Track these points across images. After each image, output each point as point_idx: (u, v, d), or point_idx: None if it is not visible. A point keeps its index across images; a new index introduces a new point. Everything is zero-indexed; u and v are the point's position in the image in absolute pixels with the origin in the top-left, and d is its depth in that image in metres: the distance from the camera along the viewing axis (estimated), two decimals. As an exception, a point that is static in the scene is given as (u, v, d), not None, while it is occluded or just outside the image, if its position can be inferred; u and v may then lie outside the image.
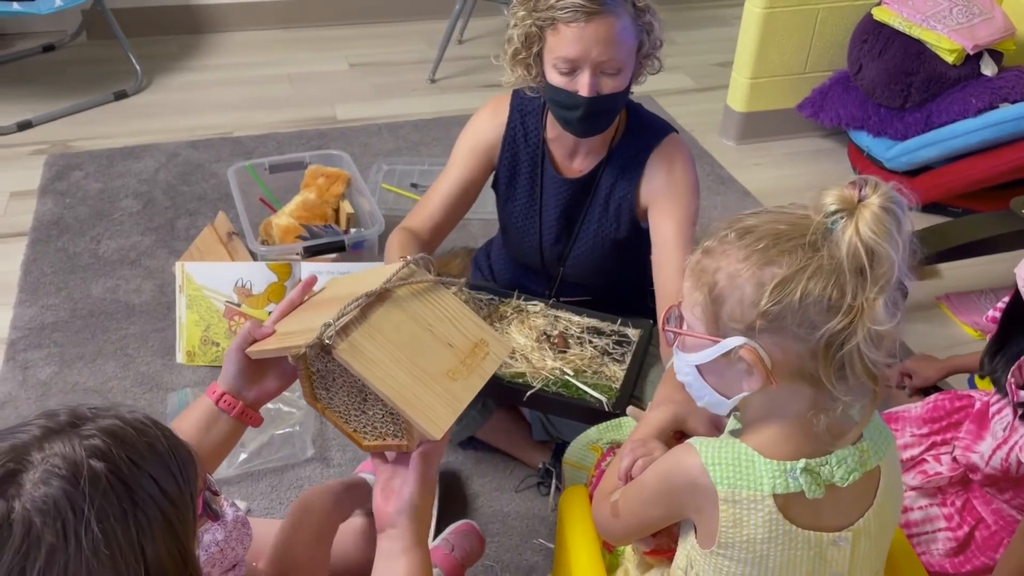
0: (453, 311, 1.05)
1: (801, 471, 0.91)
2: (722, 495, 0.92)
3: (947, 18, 2.63)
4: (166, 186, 2.71)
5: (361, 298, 0.98)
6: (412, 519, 0.97)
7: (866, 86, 2.78)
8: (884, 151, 2.76)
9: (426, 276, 1.07)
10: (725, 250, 0.90)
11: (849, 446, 0.93)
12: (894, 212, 0.84)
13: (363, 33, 3.85)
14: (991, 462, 1.42)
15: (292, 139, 3.00)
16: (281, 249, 2.21)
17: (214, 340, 2.07)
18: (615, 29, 1.43)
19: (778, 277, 0.85)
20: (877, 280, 0.83)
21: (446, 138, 3.06)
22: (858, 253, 0.82)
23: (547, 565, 1.65)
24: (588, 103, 1.48)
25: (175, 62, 3.52)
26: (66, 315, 2.20)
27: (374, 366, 0.95)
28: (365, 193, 2.41)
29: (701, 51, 3.73)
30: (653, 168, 1.62)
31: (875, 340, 0.84)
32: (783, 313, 0.85)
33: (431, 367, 0.98)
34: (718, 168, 2.96)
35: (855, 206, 0.85)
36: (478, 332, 1.05)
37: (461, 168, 1.72)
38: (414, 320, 1.02)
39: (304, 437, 1.87)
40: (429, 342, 1.01)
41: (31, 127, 2.99)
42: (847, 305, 0.83)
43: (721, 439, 0.97)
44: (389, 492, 1.00)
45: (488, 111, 1.72)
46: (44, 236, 2.47)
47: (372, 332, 0.97)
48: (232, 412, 1.07)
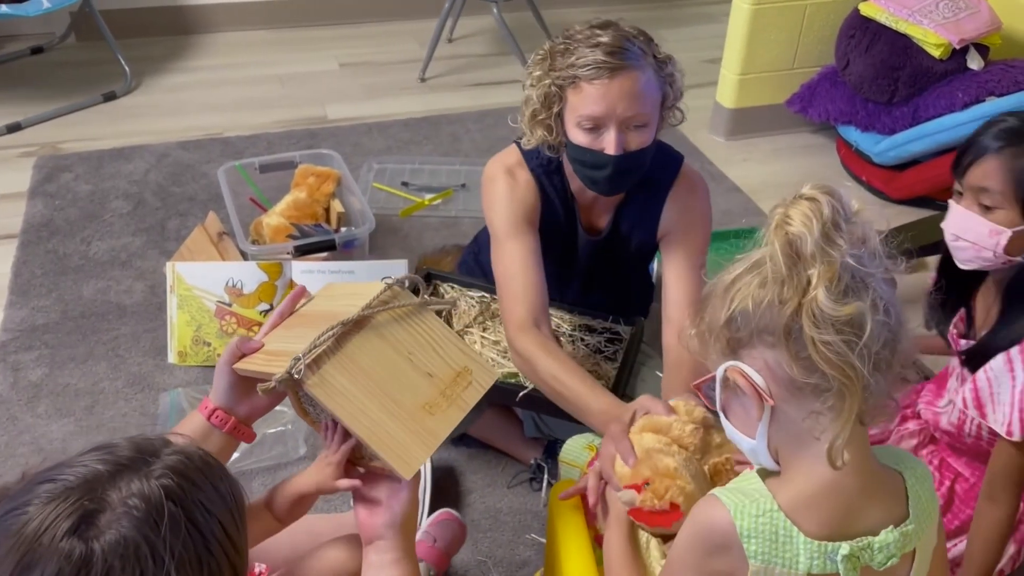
0: (436, 337, 1.02)
1: (843, 558, 0.89)
2: (754, 569, 0.90)
3: (933, 13, 2.64)
4: (156, 187, 2.71)
5: (337, 326, 0.95)
6: (401, 531, 0.98)
7: (854, 81, 2.79)
8: (872, 145, 2.78)
9: (410, 299, 1.03)
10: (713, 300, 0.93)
11: (893, 529, 0.91)
12: (817, 200, 0.84)
13: (353, 33, 3.85)
14: (941, 423, 1.51)
15: (282, 139, 3.00)
16: (272, 248, 2.21)
17: (205, 340, 2.07)
18: (640, 84, 1.39)
19: (733, 291, 0.88)
20: (809, 264, 0.83)
21: (436, 137, 3.07)
22: (784, 243, 0.84)
23: (539, 560, 1.66)
24: (616, 161, 1.42)
25: (164, 63, 3.51)
26: (57, 316, 2.19)
27: (345, 401, 0.93)
28: (356, 192, 2.41)
29: (690, 48, 3.74)
30: (670, 206, 1.60)
31: (821, 321, 0.82)
32: (744, 323, 0.86)
33: (407, 400, 0.96)
34: (708, 164, 2.97)
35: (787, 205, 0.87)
36: (462, 359, 1.02)
37: (520, 240, 1.53)
38: (393, 348, 0.98)
39: (296, 436, 1.87)
40: (407, 372, 0.98)
41: (20, 129, 2.98)
42: (788, 294, 0.84)
43: (755, 497, 0.92)
44: (373, 505, 1.00)
45: (504, 179, 1.57)
46: (34, 238, 2.46)
47: (346, 363, 0.95)
48: (224, 428, 1.06)
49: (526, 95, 1.48)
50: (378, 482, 1.01)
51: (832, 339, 0.82)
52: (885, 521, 0.91)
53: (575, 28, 1.44)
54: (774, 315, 0.84)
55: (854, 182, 2.90)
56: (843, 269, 0.83)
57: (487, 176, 1.60)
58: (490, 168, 1.60)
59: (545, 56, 1.45)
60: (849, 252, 0.83)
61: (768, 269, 0.85)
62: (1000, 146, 1.35)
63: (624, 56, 1.38)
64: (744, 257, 0.89)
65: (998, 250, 1.36)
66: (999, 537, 1.40)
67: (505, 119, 1.67)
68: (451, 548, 1.61)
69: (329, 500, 1.74)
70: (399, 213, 2.62)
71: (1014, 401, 1.34)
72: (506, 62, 3.56)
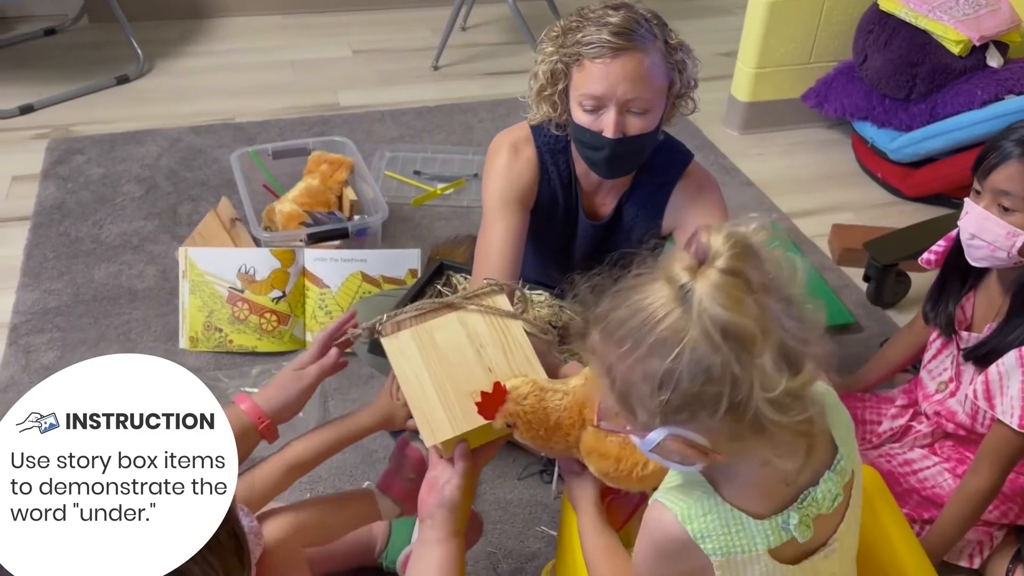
0: (511, 342, 1.11)
1: (796, 524, 0.89)
2: (717, 563, 0.90)
3: (953, 9, 2.62)
4: (168, 171, 2.71)
5: (427, 303, 1.09)
6: (450, 513, 1.07)
7: (871, 77, 2.77)
8: (888, 142, 2.76)
9: (503, 305, 1.14)
10: (604, 346, 0.83)
11: (830, 473, 0.91)
12: (741, 272, 0.76)
13: (366, 19, 3.84)
14: (958, 416, 1.60)
15: (295, 125, 2.99)
16: (284, 235, 2.20)
17: (217, 326, 2.07)
18: (643, 66, 1.37)
19: (659, 372, 0.77)
20: (748, 346, 0.76)
21: (449, 125, 3.05)
22: (713, 330, 0.75)
23: (549, 552, 1.66)
24: (613, 144, 1.41)
25: (177, 47, 3.50)
26: (69, 300, 2.19)
27: (407, 363, 1.06)
28: (368, 180, 2.40)
29: (706, 41, 3.69)
30: (677, 198, 1.58)
31: (777, 404, 0.77)
32: (683, 401, 0.78)
33: (461, 383, 1.06)
34: (721, 158, 2.96)
35: (696, 274, 0.77)
36: (525, 367, 1.09)
37: (506, 219, 1.55)
38: (468, 337, 1.10)
39: (308, 423, 1.87)
40: (471, 360, 1.08)
41: (33, 111, 2.98)
42: (730, 375, 0.76)
43: (697, 496, 0.91)
44: (432, 485, 1.10)
45: (507, 152, 1.58)
46: (46, 220, 2.46)
47: (421, 333, 1.08)
48: (259, 427, 1.19)
49: (534, 70, 1.49)
50: (441, 465, 1.11)
51: (782, 419, 0.78)
52: (821, 468, 0.92)
53: (590, 7, 1.43)
54: (716, 389, 0.77)
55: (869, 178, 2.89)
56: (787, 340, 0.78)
57: (492, 147, 1.61)
58: (497, 140, 1.61)
59: (558, 33, 1.45)
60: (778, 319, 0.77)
61: (695, 342, 0.76)
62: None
63: (630, 37, 1.36)
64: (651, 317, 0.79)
65: (1013, 252, 1.42)
66: (973, 507, 1.50)
67: (518, 109, 1.67)
68: (467, 542, 1.60)
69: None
70: (411, 202, 2.62)
71: (1023, 395, 1.40)
72: (520, 51, 3.54)
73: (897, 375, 1.96)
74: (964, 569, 1.64)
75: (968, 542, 1.62)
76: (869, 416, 1.80)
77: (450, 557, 1.06)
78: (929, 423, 1.69)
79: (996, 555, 1.63)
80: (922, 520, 1.61)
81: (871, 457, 1.68)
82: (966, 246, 1.49)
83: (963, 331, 1.59)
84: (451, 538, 1.07)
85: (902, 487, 1.63)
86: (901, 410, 1.76)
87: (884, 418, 1.77)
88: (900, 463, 1.67)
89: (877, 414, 1.80)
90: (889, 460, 1.67)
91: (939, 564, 1.58)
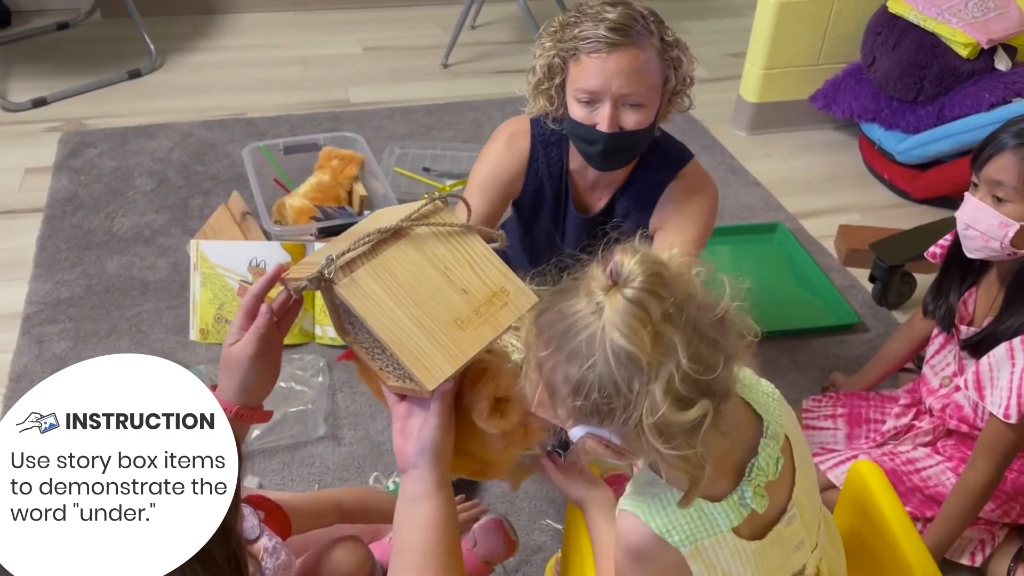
0: (476, 255, 0.98)
1: (751, 496, 0.92)
2: (687, 553, 0.92)
3: (962, 12, 2.63)
4: (180, 165, 2.73)
5: (374, 234, 0.93)
6: (433, 460, 0.95)
7: (879, 79, 2.78)
8: (895, 144, 2.77)
9: (454, 219, 0.99)
10: (536, 343, 0.87)
11: (765, 440, 0.94)
12: (643, 303, 0.79)
13: (377, 17, 3.86)
14: (965, 410, 1.62)
15: (305, 121, 3.01)
16: (295, 230, 2.22)
17: (227, 318, 2.09)
18: (638, 62, 1.39)
19: (575, 378, 0.82)
20: (639, 373, 0.79)
21: (458, 123, 3.07)
22: (610, 353, 0.79)
23: (554, 546, 1.67)
24: (607, 138, 1.43)
25: (189, 42, 3.52)
26: (81, 291, 2.22)
27: (374, 306, 0.90)
28: (378, 176, 2.42)
29: (714, 41, 3.73)
30: (667, 197, 1.59)
31: (661, 432, 0.80)
32: (593, 408, 0.82)
33: (439, 313, 0.93)
34: (729, 158, 2.97)
35: (608, 294, 0.81)
36: (500, 280, 0.98)
37: (480, 203, 1.60)
38: (430, 261, 0.96)
39: (316, 415, 1.89)
40: (441, 286, 0.95)
41: (46, 104, 3.01)
42: (624, 396, 0.80)
43: (654, 494, 0.94)
44: (408, 432, 0.97)
45: (502, 141, 1.63)
46: (59, 212, 2.49)
47: (379, 270, 0.93)
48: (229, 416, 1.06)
49: (532, 64, 1.51)
50: (412, 411, 0.98)
51: (663, 449, 0.81)
52: (755, 438, 0.95)
53: (589, 3, 1.46)
54: (620, 403, 0.81)
55: (876, 180, 2.90)
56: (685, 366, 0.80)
57: (494, 133, 1.67)
58: (500, 128, 1.66)
59: (557, 28, 1.48)
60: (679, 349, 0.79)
61: (604, 357, 0.80)
62: (1018, 143, 1.42)
63: (626, 33, 1.39)
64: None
65: (1005, 242, 1.45)
66: (971, 502, 1.52)
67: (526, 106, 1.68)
68: (492, 558, 1.52)
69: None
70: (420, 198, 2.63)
71: (1012, 386, 1.43)
72: (529, 50, 3.53)
73: (901, 375, 1.98)
74: (966, 567, 1.65)
75: (970, 540, 1.64)
76: (873, 415, 1.82)
77: (440, 512, 0.95)
78: (933, 419, 1.71)
79: (998, 553, 1.64)
80: (925, 518, 1.63)
81: (875, 455, 1.69)
82: (962, 237, 1.53)
83: (963, 326, 1.61)
84: (439, 490, 0.95)
85: (905, 486, 1.64)
86: (905, 409, 1.78)
87: (888, 417, 1.79)
88: (903, 461, 1.68)
89: (881, 413, 1.81)
90: (892, 459, 1.68)
91: (941, 562, 1.59)
